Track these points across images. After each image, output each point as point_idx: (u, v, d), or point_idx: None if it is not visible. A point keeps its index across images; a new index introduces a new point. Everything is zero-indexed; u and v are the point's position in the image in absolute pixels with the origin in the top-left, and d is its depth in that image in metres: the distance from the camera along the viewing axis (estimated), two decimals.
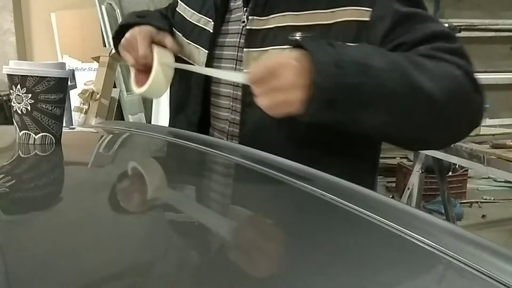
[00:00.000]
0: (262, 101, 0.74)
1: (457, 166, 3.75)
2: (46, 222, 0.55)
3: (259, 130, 0.89)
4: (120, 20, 4.27)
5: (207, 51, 0.97)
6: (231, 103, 0.95)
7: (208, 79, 0.98)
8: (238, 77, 0.85)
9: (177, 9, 1.08)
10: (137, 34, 0.96)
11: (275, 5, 0.89)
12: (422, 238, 0.50)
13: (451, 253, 0.47)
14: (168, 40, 0.99)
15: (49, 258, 0.44)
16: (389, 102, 0.73)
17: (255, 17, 0.91)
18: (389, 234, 0.53)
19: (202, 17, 1.00)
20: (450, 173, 3.77)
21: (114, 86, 3.95)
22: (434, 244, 0.48)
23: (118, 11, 4.27)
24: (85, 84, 3.85)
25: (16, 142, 0.88)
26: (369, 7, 0.83)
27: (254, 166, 0.76)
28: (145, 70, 0.97)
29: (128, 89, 4.16)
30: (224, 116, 0.98)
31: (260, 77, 0.73)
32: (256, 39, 0.91)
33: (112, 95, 3.86)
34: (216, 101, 0.99)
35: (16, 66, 0.86)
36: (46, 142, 0.88)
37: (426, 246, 0.49)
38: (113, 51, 3.92)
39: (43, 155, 0.85)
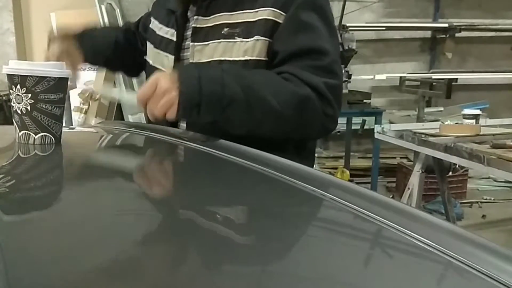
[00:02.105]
0: (150, 109, 0.94)
1: (457, 166, 3.75)
2: (46, 222, 0.55)
3: (203, 131, 1.02)
4: (120, 20, 4.27)
5: (173, 56, 1.16)
6: None
7: None
8: (132, 99, 1.00)
9: (150, 26, 1.29)
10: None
11: (215, 7, 1.09)
12: (422, 238, 0.50)
13: (451, 253, 0.46)
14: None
15: (49, 258, 0.44)
16: (241, 107, 0.95)
17: (199, 17, 1.11)
18: (389, 234, 0.53)
19: (169, 30, 1.19)
20: (450, 173, 3.77)
21: (114, 86, 3.95)
22: (434, 244, 0.48)
23: (118, 11, 4.27)
24: (85, 84, 3.85)
25: (16, 142, 0.88)
26: (284, 12, 1.03)
27: (254, 166, 0.76)
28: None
29: (128, 89, 4.16)
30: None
31: (145, 95, 0.94)
32: (200, 35, 1.10)
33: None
34: None
35: (16, 66, 0.86)
36: (46, 142, 0.88)
37: (426, 246, 0.48)
38: None
39: (43, 155, 0.85)
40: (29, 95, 0.86)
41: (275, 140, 1.02)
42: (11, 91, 0.87)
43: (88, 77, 3.92)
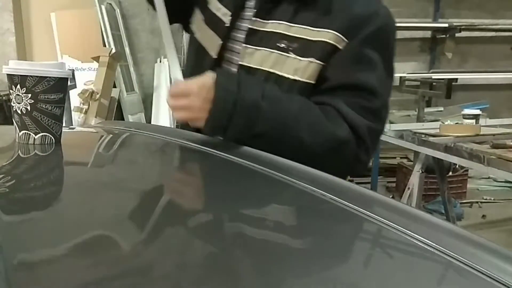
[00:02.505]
0: (177, 114, 0.94)
1: (457, 166, 3.76)
2: (46, 222, 0.55)
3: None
4: (120, 20, 4.27)
5: (221, 42, 1.06)
6: None
7: None
8: (174, 77, 1.00)
9: None
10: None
11: (275, 12, 1.01)
12: (422, 238, 0.50)
13: (451, 253, 0.46)
14: None
15: (49, 258, 0.44)
16: (269, 142, 0.91)
17: (258, 19, 1.02)
18: (389, 234, 0.53)
19: (221, 8, 1.08)
20: (450, 173, 3.77)
21: (114, 86, 3.95)
22: (434, 244, 0.48)
23: (118, 11, 4.27)
24: (85, 84, 3.85)
25: (16, 142, 0.88)
26: (347, 38, 0.97)
27: (255, 166, 0.76)
28: None
29: (128, 89, 4.17)
30: None
31: (177, 94, 0.93)
32: (254, 38, 1.02)
33: (112, 95, 3.86)
34: None
35: (16, 66, 0.86)
36: (46, 142, 0.88)
37: (426, 246, 0.48)
38: (113, 50, 3.93)
39: (43, 155, 0.85)
40: (29, 95, 0.86)
41: None
42: (11, 91, 0.87)
43: (88, 77, 3.92)
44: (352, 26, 0.97)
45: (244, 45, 1.03)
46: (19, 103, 0.86)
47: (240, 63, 1.03)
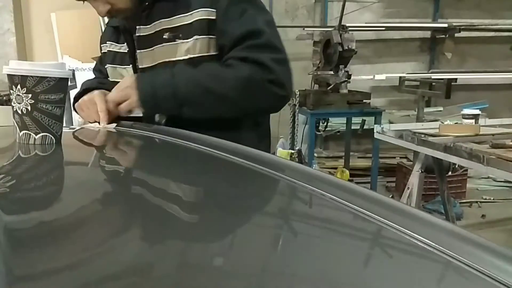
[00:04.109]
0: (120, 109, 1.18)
1: (456, 166, 3.76)
2: (46, 222, 0.55)
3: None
4: None
5: (130, 65, 1.29)
6: None
7: None
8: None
9: (103, 51, 1.41)
10: (96, 96, 1.22)
11: (153, 15, 1.22)
12: (422, 238, 0.50)
13: (451, 253, 0.47)
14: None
15: (49, 258, 0.44)
16: (193, 103, 1.15)
17: (141, 26, 1.24)
18: (389, 234, 0.53)
19: (121, 45, 1.32)
20: (450, 173, 3.78)
21: None
22: (433, 243, 0.48)
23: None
24: None
25: (16, 142, 0.88)
26: (213, 8, 1.17)
27: (254, 166, 0.76)
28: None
29: None
30: None
31: (114, 100, 1.18)
32: (144, 42, 1.24)
33: None
34: None
35: (16, 66, 0.86)
36: (46, 142, 0.88)
37: (425, 246, 0.49)
38: None
39: (43, 155, 0.85)
40: (30, 95, 0.86)
41: (231, 120, 1.19)
42: (11, 91, 0.87)
43: (88, 77, 3.91)
44: None
45: (138, 51, 1.25)
46: (19, 103, 0.86)
47: (140, 66, 1.25)
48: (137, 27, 1.24)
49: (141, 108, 1.17)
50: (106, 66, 1.39)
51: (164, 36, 1.20)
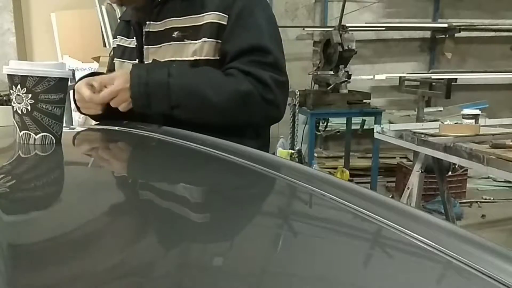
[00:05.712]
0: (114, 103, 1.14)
1: (456, 166, 3.76)
2: (46, 222, 0.55)
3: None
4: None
5: (137, 61, 1.27)
6: None
7: None
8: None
9: (113, 46, 1.41)
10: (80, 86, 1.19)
11: (165, 13, 1.21)
12: (421, 238, 0.50)
13: (451, 253, 0.47)
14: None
15: (49, 257, 0.44)
16: (185, 107, 1.13)
17: (151, 22, 1.23)
18: (389, 234, 0.53)
19: (131, 40, 1.31)
20: (450, 173, 3.77)
21: None
22: (433, 244, 0.48)
23: (118, 11, 4.26)
24: None
25: (16, 142, 0.88)
26: (226, 14, 1.16)
27: (254, 166, 0.76)
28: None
29: None
30: None
31: (104, 83, 1.14)
32: (152, 38, 1.23)
33: None
34: None
35: (16, 66, 0.86)
36: (46, 142, 0.88)
37: (425, 246, 0.49)
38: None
39: (43, 155, 0.85)
40: (30, 95, 0.86)
41: (235, 129, 1.16)
42: (11, 91, 0.87)
43: None
44: (225, 2, 1.17)
45: (145, 47, 1.24)
46: (19, 103, 0.86)
47: (146, 63, 1.23)
48: (147, 22, 1.24)
49: (132, 105, 1.14)
50: (114, 61, 1.38)
51: (173, 35, 1.20)
